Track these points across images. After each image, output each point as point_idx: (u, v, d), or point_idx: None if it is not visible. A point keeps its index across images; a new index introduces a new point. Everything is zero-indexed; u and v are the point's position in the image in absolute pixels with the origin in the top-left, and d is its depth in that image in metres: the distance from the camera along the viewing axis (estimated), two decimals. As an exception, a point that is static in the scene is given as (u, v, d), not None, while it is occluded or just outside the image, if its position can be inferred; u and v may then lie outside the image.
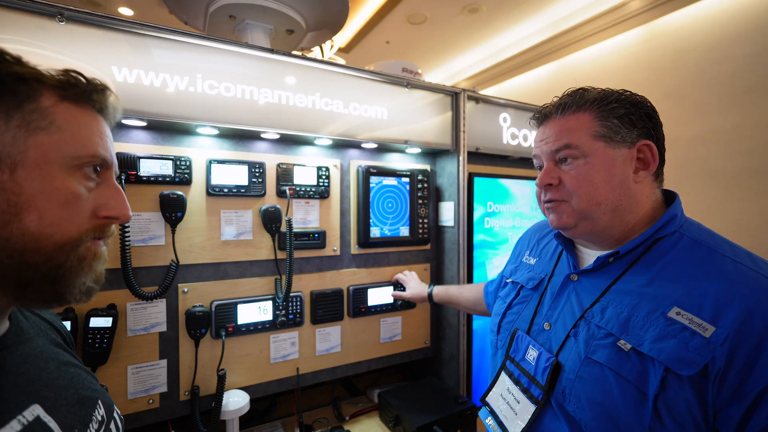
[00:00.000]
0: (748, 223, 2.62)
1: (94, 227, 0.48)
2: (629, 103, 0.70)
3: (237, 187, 1.24)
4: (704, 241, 0.66)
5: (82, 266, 0.47)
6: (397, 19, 4.07)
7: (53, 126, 0.44)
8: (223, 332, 1.21)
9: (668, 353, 0.58)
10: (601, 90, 0.74)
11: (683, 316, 0.59)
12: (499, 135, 1.71)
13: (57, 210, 0.44)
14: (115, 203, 0.50)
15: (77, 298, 0.47)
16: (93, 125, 0.49)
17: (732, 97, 2.73)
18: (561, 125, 0.73)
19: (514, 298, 0.90)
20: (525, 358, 0.78)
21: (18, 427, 0.40)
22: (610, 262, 0.72)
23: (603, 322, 0.67)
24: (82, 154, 0.46)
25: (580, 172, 0.70)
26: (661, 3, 3.21)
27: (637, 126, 0.70)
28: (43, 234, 0.42)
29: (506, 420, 0.79)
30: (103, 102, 0.51)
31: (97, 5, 3.75)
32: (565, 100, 0.75)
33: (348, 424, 1.43)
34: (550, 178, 0.74)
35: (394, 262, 1.58)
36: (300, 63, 1.25)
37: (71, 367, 0.55)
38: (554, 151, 0.73)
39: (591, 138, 0.70)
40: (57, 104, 0.45)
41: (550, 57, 4.32)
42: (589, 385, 0.65)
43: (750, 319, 0.55)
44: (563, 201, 0.73)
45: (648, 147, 0.70)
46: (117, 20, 1.00)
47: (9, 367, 0.45)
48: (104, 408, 0.56)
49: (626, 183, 0.69)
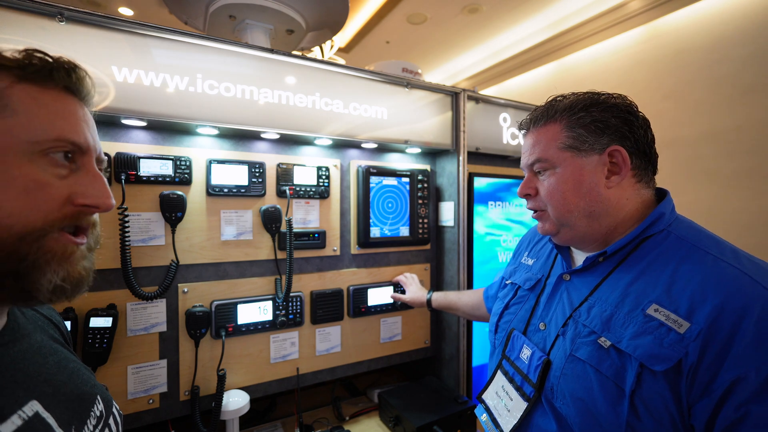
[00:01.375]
0: (749, 223, 2.62)
1: (66, 216, 0.44)
2: (600, 109, 0.71)
3: (237, 187, 1.24)
4: (689, 239, 0.67)
5: (47, 260, 0.43)
6: (397, 19, 4.07)
7: (7, 109, 0.41)
8: (223, 332, 1.21)
9: (643, 349, 0.59)
10: (571, 98, 0.75)
11: (660, 312, 0.60)
12: (499, 135, 1.71)
13: (16, 199, 0.41)
14: (92, 190, 0.46)
15: (48, 297, 0.44)
16: (57, 106, 0.45)
17: (732, 97, 2.73)
18: (534, 138, 0.77)
19: (512, 298, 0.91)
20: (519, 356, 0.80)
21: (18, 422, 0.40)
22: (599, 261, 0.74)
23: (588, 320, 0.69)
24: (44, 138, 0.42)
25: (551, 182, 0.74)
26: (661, 3, 3.21)
27: (606, 132, 0.70)
28: (1, 225, 0.40)
29: (500, 417, 0.81)
30: (70, 81, 0.47)
31: (97, 5, 3.75)
32: (536, 113, 0.78)
33: (348, 424, 1.43)
34: (528, 188, 0.79)
35: (394, 262, 1.58)
36: (300, 63, 1.25)
37: (70, 363, 0.54)
38: (530, 164, 0.77)
39: (559, 150, 0.73)
40: (12, 85, 0.42)
41: (550, 57, 4.32)
42: (572, 381, 0.67)
43: (722, 315, 0.55)
44: (543, 210, 0.77)
45: (618, 152, 0.70)
46: (117, 20, 1.00)
47: (7, 364, 0.44)
48: (103, 404, 0.55)
49: (596, 189, 0.70)
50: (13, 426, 0.39)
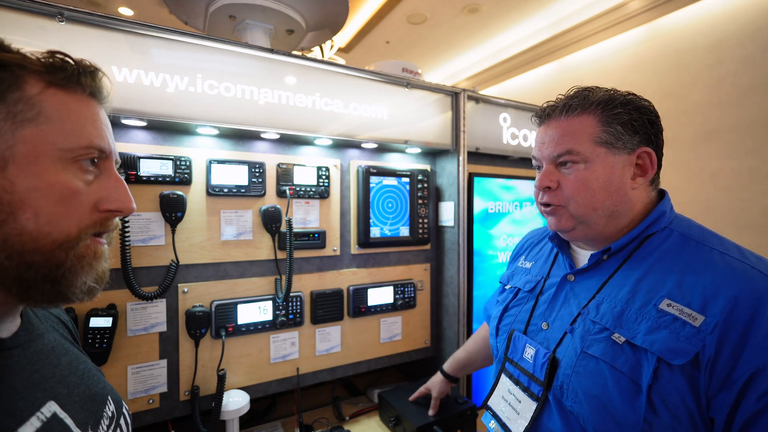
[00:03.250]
0: (749, 224, 2.62)
1: (95, 222, 0.46)
2: (634, 108, 0.70)
3: (237, 187, 1.24)
4: (693, 236, 0.68)
5: (82, 265, 0.45)
6: (397, 19, 4.07)
7: (41, 116, 0.41)
8: (223, 332, 1.21)
9: (660, 344, 0.59)
10: (606, 92, 0.72)
11: (674, 307, 0.61)
12: (499, 135, 1.71)
13: (53, 207, 0.42)
14: (117, 195, 0.48)
15: (80, 298, 0.46)
16: (85, 112, 0.45)
17: (732, 97, 2.73)
18: (564, 128, 0.72)
19: (511, 300, 0.91)
20: (523, 357, 0.79)
21: (37, 424, 0.40)
22: (604, 259, 0.74)
23: (598, 317, 0.69)
24: (76, 145, 0.43)
25: (579, 177, 0.70)
26: (661, 3, 3.21)
27: (639, 132, 0.70)
28: (40, 233, 0.41)
29: (509, 421, 0.79)
30: (95, 85, 0.47)
31: (97, 5, 3.75)
32: (570, 100, 0.73)
33: (348, 424, 1.43)
34: (549, 181, 0.73)
35: (394, 262, 1.58)
36: (300, 63, 1.25)
37: (81, 363, 0.54)
38: (556, 156, 0.72)
39: (593, 143, 0.69)
40: (43, 91, 0.42)
41: (550, 57, 4.32)
42: (585, 379, 0.66)
43: (737, 307, 0.56)
44: (561, 206, 0.73)
45: (648, 154, 0.70)
46: (117, 20, 1.00)
47: (24, 365, 0.44)
48: (114, 404, 0.55)
49: (623, 189, 0.70)
50: (32, 428, 0.39)
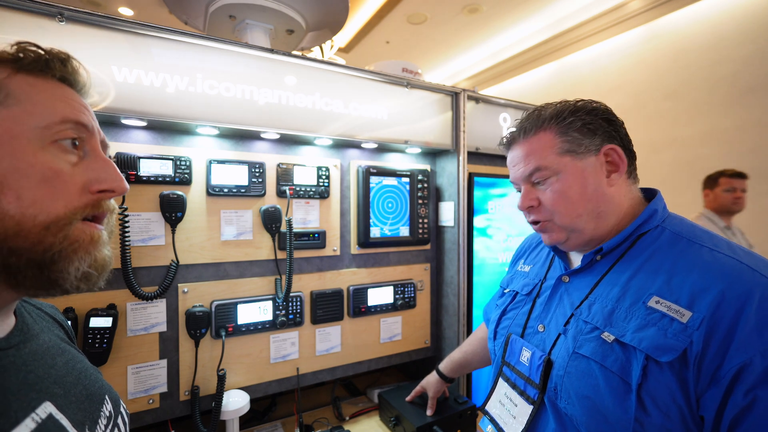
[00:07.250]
0: (749, 224, 2.62)
1: (87, 204, 0.45)
2: (585, 113, 0.73)
3: (237, 187, 1.24)
4: (684, 234, 0.68)
5: (75, 249, 0.43)
6: (397, 19, 4.08)
7: (10, 98, 0.41)
8: (223, 332, 1.21)
9: (648, 341, 0.59)
10: (556, 106, 0.76)
11: (662, 304, 0.61)
12: (499, 135, 1.71)
13: (36, 188, 0.41)
14: (106, 175, 0.47)
15: (75, 285, 0.44)
16: (55, 91, 0.45)
17: (732, 97, 2.73)
18: (526, 148, 0.76)
19: (509, 304, 0.92)
20: (520, 360, 0.80)
21: (32, 425, 0.40)
22: (597, 260, 0.75)
23: (589, 317, 0.69)
24: (50, 121, 0.43)
25: (555, 189, 0.73)
26: (661, 3, 3.21)
27: (597, 133, 0.72)
28: (24, 216, 0.40)
29: (506, 425, 0.79)
30: (65, 70, 0.47)
31: (97, 5, 3.75)
32: (525, 123, 0.78)
33: (348, 424, 1.43)
34: (529, 200, 0.77)
35: (394, 262, 1.58)
36: (300, 63, 1.25)
37: (77, 363, 0.54)
38: (527, 175, 0.76)
39: (557, 155, 0.73)
40: (11, 76, 0.43)
41: (550, 57, 4.32)
42: (577, 379, 0.66)
43: (723, 302, 0.56)
44: (547, 221, 0.76)
45: (613, 150, 0.72)
46: (117, 20, 1.00)
47: (18, 366, 0.44)
48: (111, 403, 0.55)
49: (601, 189, 0.72)
50: (27, 429, 0.39)
